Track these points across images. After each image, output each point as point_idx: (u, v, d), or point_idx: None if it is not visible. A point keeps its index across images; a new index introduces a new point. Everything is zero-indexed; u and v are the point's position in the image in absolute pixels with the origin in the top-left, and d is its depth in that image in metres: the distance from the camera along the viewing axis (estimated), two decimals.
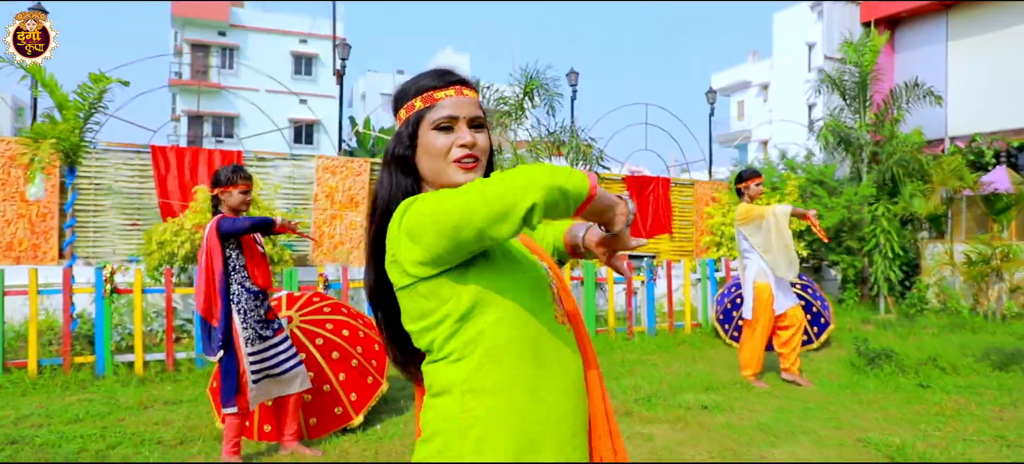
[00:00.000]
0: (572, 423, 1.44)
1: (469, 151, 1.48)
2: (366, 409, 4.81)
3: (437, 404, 1.42)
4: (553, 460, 1.38)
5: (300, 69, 42.43)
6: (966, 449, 4.37)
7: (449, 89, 1.52)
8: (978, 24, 13.57)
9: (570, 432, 1.43)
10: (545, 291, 1.49)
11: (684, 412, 5.25)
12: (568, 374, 1.46)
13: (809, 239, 11.00)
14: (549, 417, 1.40)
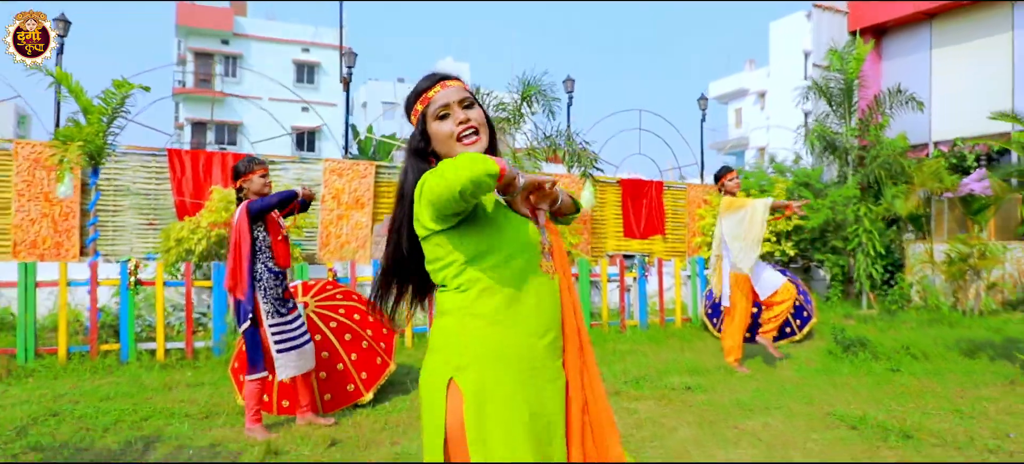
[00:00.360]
0: (544, 343, 1.88)
1: (466, 125, 1.93)
2: (375, 387, 5.25)
3: (443, 322, 1.89)
4: (525, 367, 1.83)
5: (302, 77, 42.92)
6: (922, 420, 4.80)
7: (437, 86, 1.98)
8: (960, 33, 14.07)
9: (542, 350, 1.87)
10: (532, 247, 1.92)
11: (668, 392, 5.68)
12: (544, 310, 1.90)
13: (796, 239, 11.45)
14: (524, 340, 1.85)
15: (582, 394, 1.92)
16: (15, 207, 8.63)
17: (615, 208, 12.52)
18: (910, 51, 14.95)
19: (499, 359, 1.81)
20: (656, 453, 4.13)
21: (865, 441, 4.34)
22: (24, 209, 8.67)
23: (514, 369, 1.82)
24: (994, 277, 10.63)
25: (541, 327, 1.88)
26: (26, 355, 6.37)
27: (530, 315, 1.86)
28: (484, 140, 1.96)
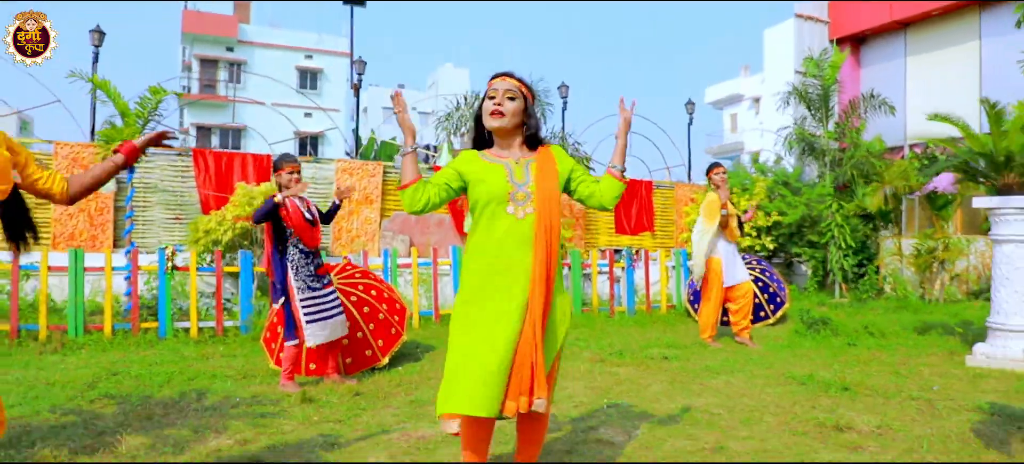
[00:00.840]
0: (514, 276, 2.67)
1: (495, 105, 2.76)
2: (391, 353, 6.02)
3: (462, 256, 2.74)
4: (496, 297, 2.65)
5: (305, 83, 43.66)
6: (862, 378, 5.57)
7: (497, 79, 2.83)
8: (932, 41, 14.89)
9: (512, 283, 2.66)
10: (502, 201, 2.70)
11: (647, 360, 6.46)
12: (506, 240, 2.69)
13: (776, 233, 12.24)
14: (497, 278, 2.67)
15: (536, 323, 2.65)
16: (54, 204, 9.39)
17: None
18: (886, 58, 15.78)
19: (466, 283, 2.75)
20: (630, 400, 4.90)
21: (809, 393, 5.11)
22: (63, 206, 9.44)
23: (475, 284, 2.70)
24: (958, 269, 11.42)
25: (503, 254, 2.68)
26: (76, 330, 7.15)
27: (493, 248, 2.69)
28: (507, 121, 2.75)
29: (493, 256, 2.68)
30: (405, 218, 11.21)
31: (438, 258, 9.08)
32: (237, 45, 43.11)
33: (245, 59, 43.21)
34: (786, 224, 12.18)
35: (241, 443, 3.80)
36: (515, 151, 2.82)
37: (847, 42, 16.01)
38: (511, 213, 2.70)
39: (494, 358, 2.55)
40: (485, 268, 2.69)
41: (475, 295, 2.68)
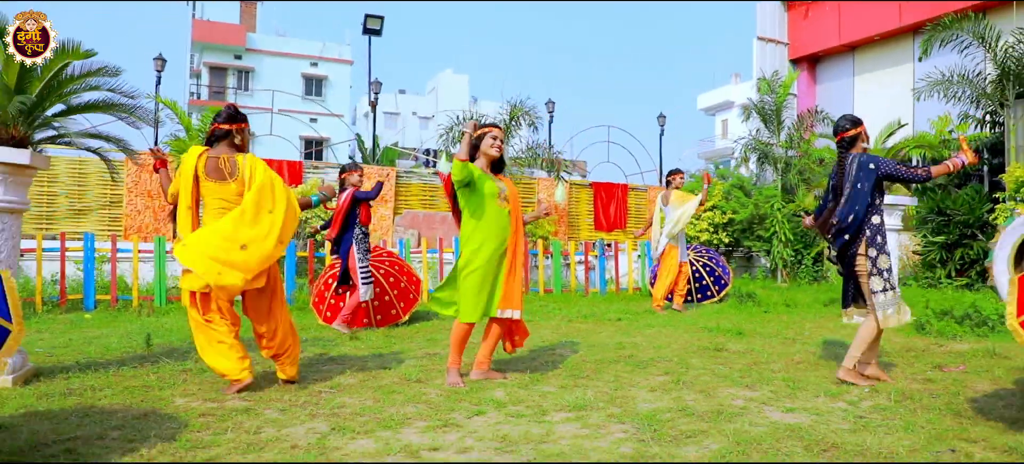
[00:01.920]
0: (499, 238, 4.65)
1: (499, 144, 4.75)
2: (410, 312, 8.04)
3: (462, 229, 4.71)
4: (484, 247, 4.58)
5: (311, 90, 45.53)
6: (756, 327, 7.58)
7: (493, 129, 4.79)
8: (875, 62, 16.96)
9: (496, 242, 4.64)
10: (495, 195, 4.64)
11: (603, 320, 8.47)
12: (498, 222, 4.65)
13: (731, 229, 14.29)
14: (486, 235, 4.60)
15: (513, 264, 4.69)
16: (126, 201, 11.43)
17: (588, 205, 15.37)
18: (837, 76, 17.85)
19: (474, 243, 4.60)
20: (581, 339, 6.91)
21: (710, 335, 7.12)
22: (133, 203, 11.48)
23: (480, 247, 4.55)
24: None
25: (497, 229, 4.61)
26: (161, 300, 9.17)
27: (491, 224, 4.59)
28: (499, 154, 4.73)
29: (492, 233, 4.59)
30: (414, 215, 13.20)
31: (443, 247, 11.11)
32: (245, 53, 44.91)
33: (253, 67, 45.02)
34: (739, 221, 14.22)
35: (320, 357, 5.82)
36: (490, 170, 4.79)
37: (804, 61, 18.05)
38: (500, 206, 4.66)
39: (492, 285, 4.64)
40: (484, 240, 4.58)
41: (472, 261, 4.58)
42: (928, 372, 5.05)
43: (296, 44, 46.18)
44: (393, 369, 5.12)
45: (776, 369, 5.17)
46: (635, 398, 4.19)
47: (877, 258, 4.55)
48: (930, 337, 6.74)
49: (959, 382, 4.64)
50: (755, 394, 4.32)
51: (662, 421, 3.62)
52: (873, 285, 4.56)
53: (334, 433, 3.37)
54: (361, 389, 4.41)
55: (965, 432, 3.38)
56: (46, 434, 3.25)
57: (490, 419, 3.67)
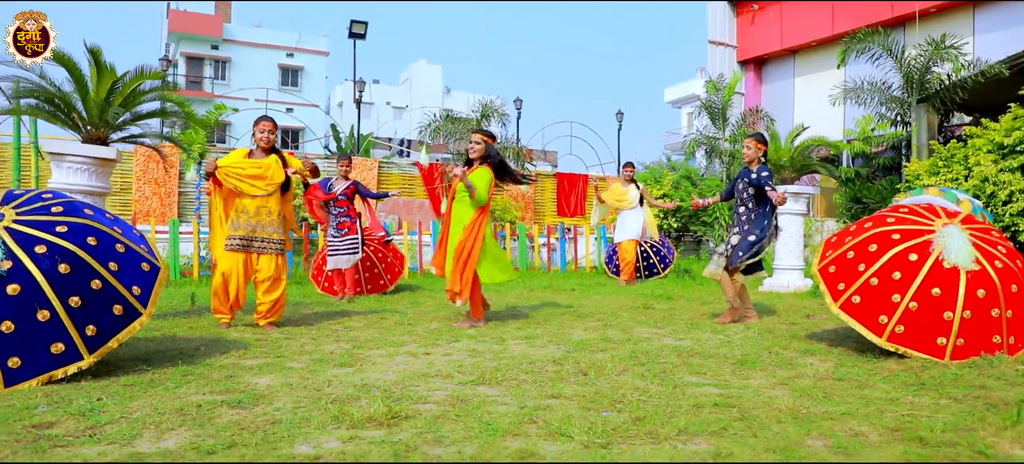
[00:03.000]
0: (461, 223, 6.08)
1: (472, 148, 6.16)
2: (395, 285, 9.50)
3: None
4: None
5: (287, 80, 46.39)
6: (682, 292, 9.15)
7: (474, 134, 6.22)
8: (812, 65, 18.70)
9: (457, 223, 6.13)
10: (461, 192, 6.08)
11: (559, 290, 10.00)
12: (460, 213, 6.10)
13: (679, 216, 15.92)
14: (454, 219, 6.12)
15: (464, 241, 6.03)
16: (134, 189, 12.70)
17: (552, 193, 16.91)
18: (780, 77, 19.58)
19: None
20: (539, 302, 8.41)
21: (645, 299, 8.67)
22: (141, 190, 12.76)
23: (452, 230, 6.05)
24: (815, 243, 15.16)
25: (460, 218, 6.02)
26: (176, 274, 10.51)
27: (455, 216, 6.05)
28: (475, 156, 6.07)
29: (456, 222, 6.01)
30: (395, 201, 14.62)
31: (422, 231, 12.56)
32: (222, 43, 45.50)
33: (229, 57, 45.65)
34: (686, 208, 15.85)
35: (327, 311, 7.27)
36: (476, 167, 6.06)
37: (751, 63, 19.74)
38: (461, 201, 6.03)
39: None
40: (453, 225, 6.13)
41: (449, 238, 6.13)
42: (796, 319, 6.64)
43: (272, 35, 46.80)
44: (388, 317, 6.59)
45: (685, 318, 6.74)
46: (572, 333, 5.71)
47: None
48: (818, 299, 8.37)
49: (814, 324, 6.24)
50: (661, 331, 5.86)
51: (587, 344, 5.14)
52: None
53: (356, 348, 4.83)
54: (367, 328, 5.88)
55: (788, 346, 4.95)
56: (159, 345, 4.68)
57: (464, 344, 5.16)
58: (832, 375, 3.94)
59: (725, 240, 6.48)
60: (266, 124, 5.74)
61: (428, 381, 3.75)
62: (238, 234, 5.58)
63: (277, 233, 5.70)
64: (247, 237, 5.59)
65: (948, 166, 11.35)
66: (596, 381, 3.79)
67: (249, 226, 5.59)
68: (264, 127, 5.71)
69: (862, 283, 4.35)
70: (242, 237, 5.58)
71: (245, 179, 5.52)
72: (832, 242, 4.84)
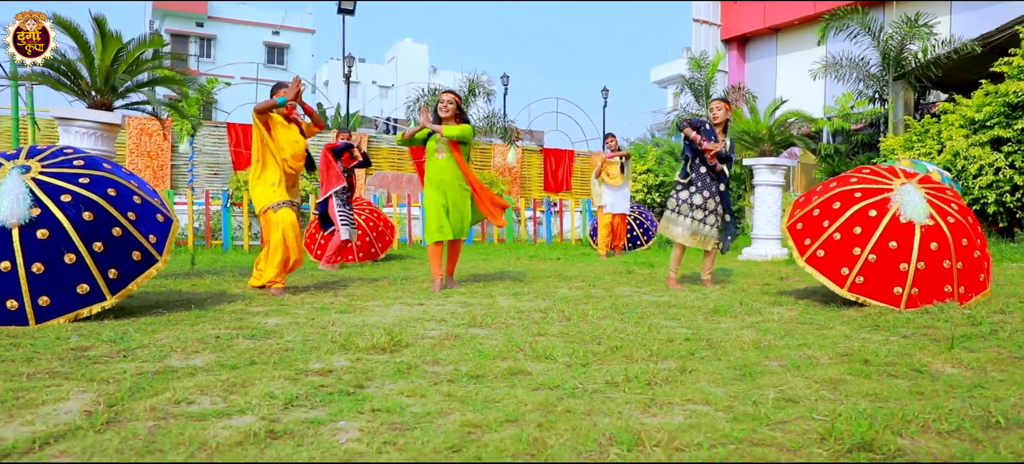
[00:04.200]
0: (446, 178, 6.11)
1: (445, 108, 6.21)
2: (385, 252, 9.79)
3: None
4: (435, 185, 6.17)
5: (272, 58, 46.23)
6: (664, 260, 9.50)
7: (445, 94, 6.33)
8: (794, 44, 19.04)
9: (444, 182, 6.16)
10: (432, 148, 6.11)
11: (545, 259, 10.33)
12: (442, 168, 6.14)
13: (663, 191, 16.27)
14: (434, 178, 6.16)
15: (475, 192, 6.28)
16: (127, 161, 12.88)
17: (539, 168, 17.22)
18: (763, 55, 19.91)
19: (427, 186, 6.19)
20: (526, 269, 8.73)
21: (627, 267, 9.01)
22: (133, 163, 12.94)
23: (431, 188, 6.10)
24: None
25: (441, 174, 6.04)
26: None
27: (434, 171, 6.07)
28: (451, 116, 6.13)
29: (438, 176, 6.02)
30: (384, 176, 14.89)
31: (411, 203, 12.84)
32: (207, 21, 45.24)
33: (215, 35, 45.39)
34: (669, 183, 16.21)
35: (325, 278, 7.56)
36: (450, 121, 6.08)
37: (734, 41, 20.05)
38: (440, 157, 6.05)
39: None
40: (433, 182, 6.05)
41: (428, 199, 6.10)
42: (771, 281, 7.00)
43: (258, 12, 46.53)
44: (380, 279, 6.89)
45: (662, 279, 7.08)
46: (557, 291, 6.04)
47: None
48: (795, 266, 8.75)
49: (786, 285, 6.60)
50: (641, 290, 6.20)
51: (571, 299, 5.47)
52: None
53: (353, 301, 5.14)
54: (361, 286, 6.17)
55: (757, 299, 5.30)
56: (166, 298, 4.97)
57: (455, 299, 5.47)
58: (796, 320, 4.29)
59: (701, 205, 6.19)
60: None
61: (424, 324, 4.06)
62: (286, 198, 5.65)
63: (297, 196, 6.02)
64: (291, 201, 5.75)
65: (921, 141, 11.76)
66: (579, 324, 4.12)
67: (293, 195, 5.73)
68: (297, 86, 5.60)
69: (826, 238, 4.70)
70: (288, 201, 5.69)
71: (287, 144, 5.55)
72: (800, 202, 5.19)
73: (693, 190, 6.20)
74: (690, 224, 6.20)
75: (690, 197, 6.20)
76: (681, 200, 6.21)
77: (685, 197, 6.21)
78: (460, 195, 6.13)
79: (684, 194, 6.22)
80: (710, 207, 6.23)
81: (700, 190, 6.19)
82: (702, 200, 6.20)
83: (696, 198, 6.19)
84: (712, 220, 6.24)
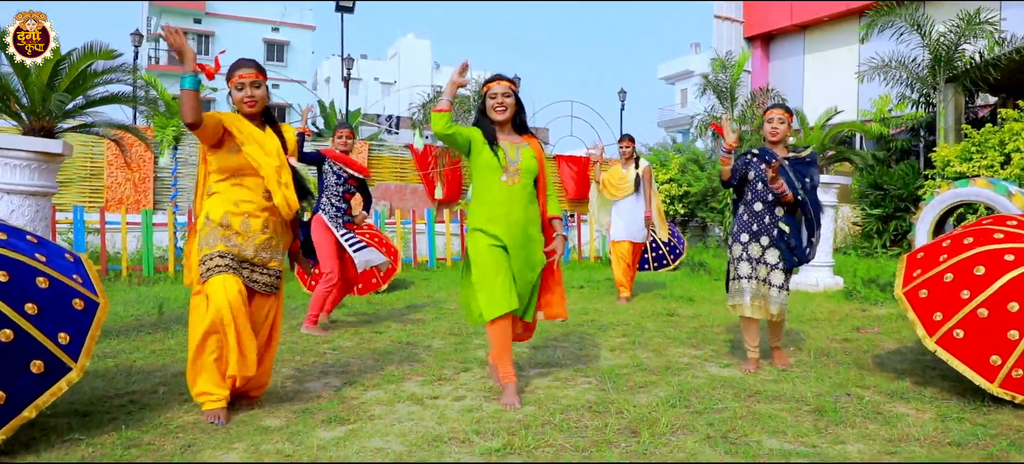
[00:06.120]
0: (503, 213, 3.67)
1: (499, 103, 3.72)
2: (387, 283, 8.67)
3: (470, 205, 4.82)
4: (488, 222, 3.69)
5: (272, 55, 45.16)
6: (705, 294, 8.38)
7: (492, 84, 3.76)
8: (823, 43, 17.87)
9: (502, 217, 3.67)
10: (495, 169, 3.68)
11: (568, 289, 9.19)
12: (502, 200, 3.68)
13: (686, 201, 15.13)
14: (489, 211, 3.68)
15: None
16: (106, 174, 11.78)
17: (552, 176, 16.10)
18: (789, 54, 18.74)
19: (475, 218, 3.78)
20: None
21: (664, 300, 7.89)
22: (113, 175, 11.83)
23: (488, 224, 3.68)
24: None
25: (508, 208, 3.68)
26: (149, 270, 9.63)
27: (494, 200, 3.70)
28: (509, 112, 3.73)
29: (496, 209, 3.67)
30: (386, 187, 13.75)
31: (416, 219, 11.71)
32: (205, 17, 44.24)
33: (213, 31, 44.38)
34: (694, 194, 15.08)
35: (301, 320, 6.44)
36: (507, 134, 3.80)
37: (758, 39, 18.88)
38: (503, 182, 3.71)
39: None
40: (489, 217, 3.68)
41: (479, 237, 3.71)
42: (847, 333, 5.87)
43: (257, 8, 45.47)
44: (384, 333, 5.77)
45: (718, 331, 5.95)
46: (598, 354, 4.92)
47: None
48: (855, 302, 7.62)
49: (871, 341, 5.47)
50: (699, 352, 5.08)
51: (621, 373, 4.35)
52: None
53: (347, 387, 4.02)
54: (360, 351, 5.06)
55: (862, 380, 4.17)
56: (105, 389, 3.85)
57: (475, 374, 4.34)
58: (942, 437, 3.16)
59: (759, 258, 4.51)
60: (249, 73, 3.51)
61: (442, 448, 2.95)
62: (231, 252, 3.40)
63: (279, 263, 3.64)
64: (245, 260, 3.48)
65: (981, 152, 10.61)
66: (651, 446, 3.00)
67: (251, 244, 3.47)
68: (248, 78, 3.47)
69: (967, 314, 3.57)
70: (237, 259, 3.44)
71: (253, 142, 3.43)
72: (918, 259, 4.05)
73: (746, 237, 4.55)
74: (754, 287, 4.51)
75: (745, 250, 4.54)
76: (736, 258, 4.59)
77: (739, 252, 4.57)
78: (530, 250, 3.81)
79: (737, 248, 4.58)
80: (771, 260, 4.49)
81: (755, 236, 4.52)
82: (761, 250, 4.51)
83: (752, 248, 4.52)
84: (778, 279, 4.51)
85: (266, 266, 3.55)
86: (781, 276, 4.52)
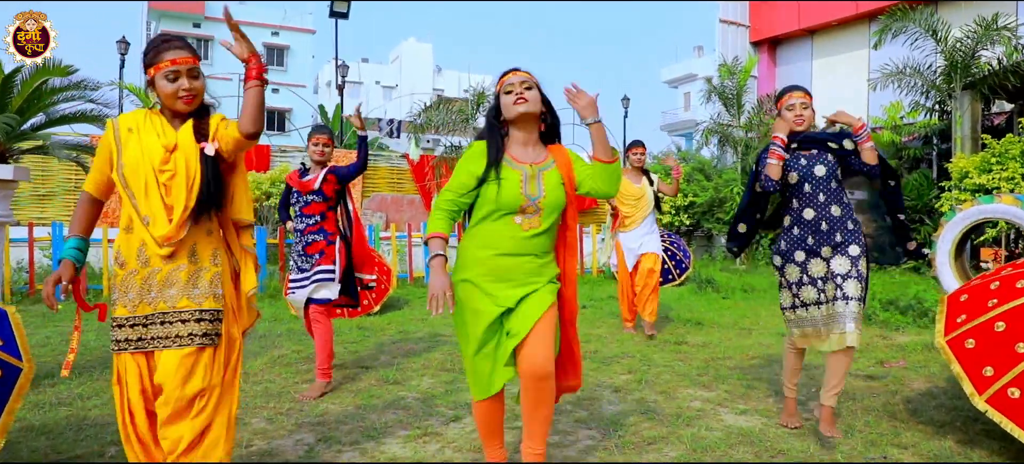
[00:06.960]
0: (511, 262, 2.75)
1: (517, 95, 2.79)
2: (379, 305, 8.24)
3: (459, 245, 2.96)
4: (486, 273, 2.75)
5: (272, 60, 44.86)
6: (713, 316, 7.94)
7: (507, 76, 2.86)
8: (832, 47, 17.42)
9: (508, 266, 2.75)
10: (509, 206, 2.73)
11: None
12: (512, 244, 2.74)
13: (692, 212, 14.69)
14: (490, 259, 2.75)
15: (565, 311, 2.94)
16: None
17: None
18: (796, 59, 18.30)
19: (470, 266, 2.81)
20: None
21: (672, 326, 7.45)
22: None
23: (479, 273, 2.77)
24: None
25: (507, 259, 2.75)
26: None
27: (498, 249, 2.75)
28: (532, 107, 2.80)
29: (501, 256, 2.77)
30: (382, 198, 13.33)
31: (412, 232, 11.28)
32: (204, 22, 43.96)
33: (212, 35, 44.07)
34: (699, 204, 14.64)
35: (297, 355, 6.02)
36: (531, 150, 2.87)
37: (765, 44, 18.44)
38: (518, 224, 2.77)
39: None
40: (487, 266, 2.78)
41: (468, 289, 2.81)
42: (870, 367, 5.43)
43: (257, 12, 45.18)
44: (371, 370, 5.35)
45: (732, 366, 5.51)
46: (601, 399, 4.48)
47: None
48: (875, 328, 7.17)
49: (898, 379, 5.03)
50: (712, 394, 4.64)
51: (629, 423, 3.91)
52: None
53: (321, 444, 3.59)
54: (342, 393, 4.62)
55: (898, 437, 3.73)
56: (45, 451, 3.42)
57: (465, 426, 3.91)
58: None
59: (809, 279, 3.68)
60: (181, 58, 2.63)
61: None
62: (131, 314, 2.51)
63: (208, 299, 2.55)
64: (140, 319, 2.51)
65: (1002, 163, 10.16)
66: None
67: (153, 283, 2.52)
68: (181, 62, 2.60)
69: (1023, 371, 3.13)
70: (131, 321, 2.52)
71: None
72: (962, 303, 3.61)
73: (802, 256, 3.71)
74: (825, 313, 3.64)
75: (804, 272, 3.70)
76: (795, 282, 3.76)
77: (797, 276, 3.73)
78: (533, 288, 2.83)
79: (794, 271, 3.74)
80: (839, 271, 3.60)
81: (813, 251, 3.68)
82: (824, 265, 3.65)
83: (813, 266, 3.67)
84: (853, 290, 3.56)
85: (178, 309, 2.48)
86: (856, 286, 3.57)
